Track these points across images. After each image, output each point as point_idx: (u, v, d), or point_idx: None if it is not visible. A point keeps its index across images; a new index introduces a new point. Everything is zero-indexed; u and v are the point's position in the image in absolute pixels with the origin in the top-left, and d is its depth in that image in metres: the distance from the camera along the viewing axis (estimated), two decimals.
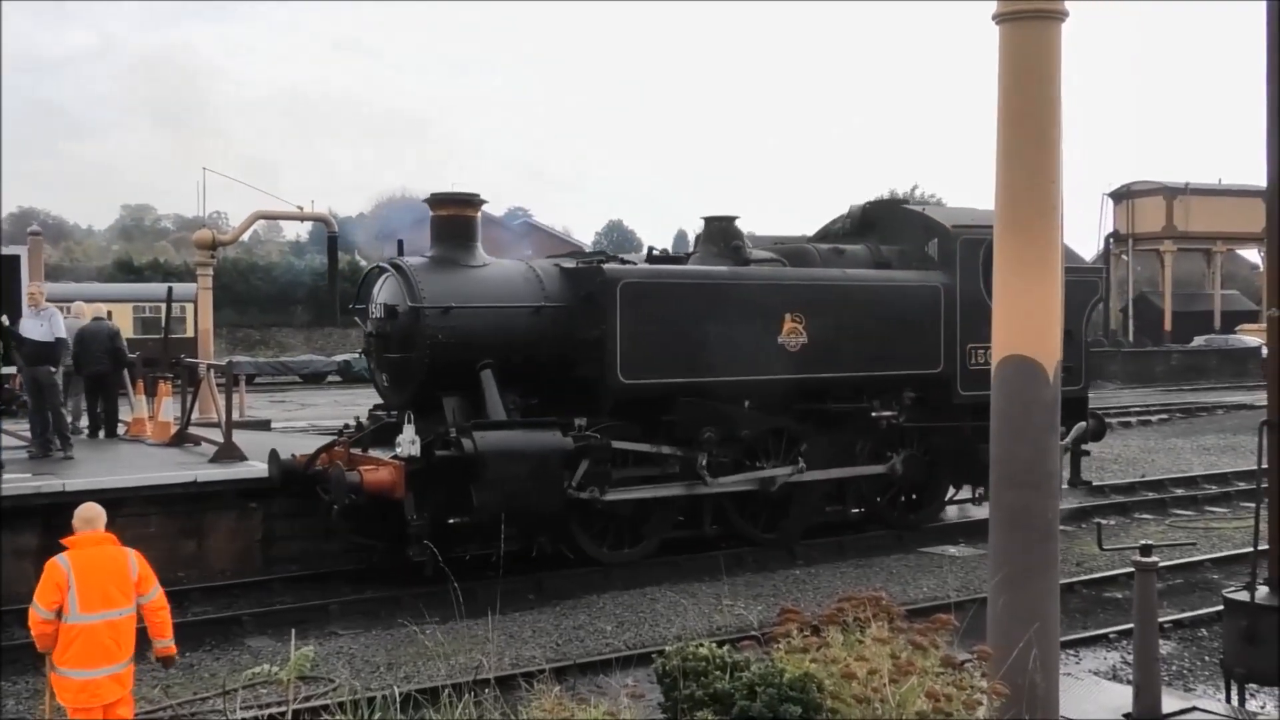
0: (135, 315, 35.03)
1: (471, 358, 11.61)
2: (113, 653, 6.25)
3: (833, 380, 13.43)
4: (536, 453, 11.20)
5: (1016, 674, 5.76)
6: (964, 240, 14.02)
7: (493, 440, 11.03)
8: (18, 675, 9.20)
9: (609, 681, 8.46)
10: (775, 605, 10.61)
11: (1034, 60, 6.13)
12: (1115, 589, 12.11)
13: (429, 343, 11.66)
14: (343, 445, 12.24)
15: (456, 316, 11.72)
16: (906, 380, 13.91)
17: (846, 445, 13.83)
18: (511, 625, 10.42)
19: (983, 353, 13.78)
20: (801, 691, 5.07)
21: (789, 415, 13.39)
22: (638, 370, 12.10)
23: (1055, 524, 6.40)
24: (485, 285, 12.15)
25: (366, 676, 9.01)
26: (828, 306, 13.19)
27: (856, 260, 14.15)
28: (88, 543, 6.40)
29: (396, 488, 11.02)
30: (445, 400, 11.63)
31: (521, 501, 11.09)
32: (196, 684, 9.06)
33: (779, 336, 12.86)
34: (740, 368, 12.64)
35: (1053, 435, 6.42)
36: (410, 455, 11.05)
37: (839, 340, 13.22)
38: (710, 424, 12.55)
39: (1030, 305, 6.20)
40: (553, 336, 12.16)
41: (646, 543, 12.73)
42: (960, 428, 14.09)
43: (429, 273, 11.97)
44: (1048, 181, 6.13)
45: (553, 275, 12.56)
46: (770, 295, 12.97)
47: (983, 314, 13.62)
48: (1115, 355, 44.69)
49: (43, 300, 14.64)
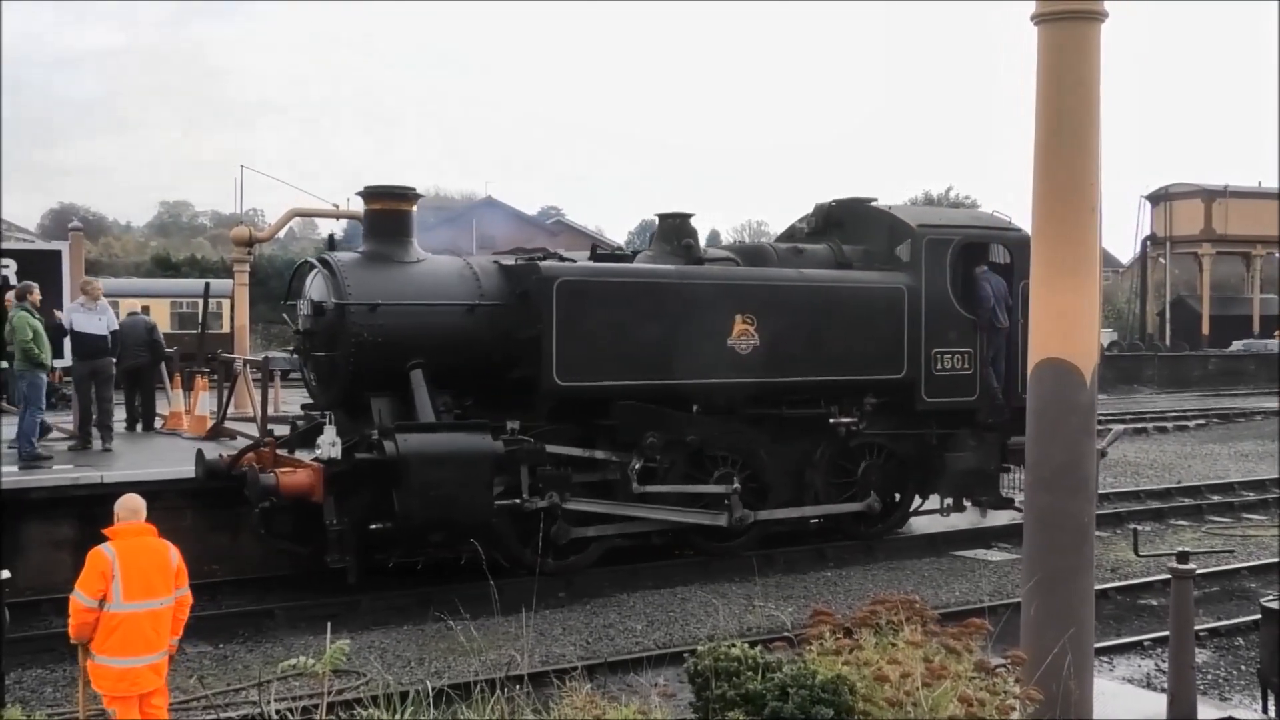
0: (172, 311, 35.36)
1: (400, 357, 11.16)
2: (152, 642, 6.33)
3: (787, 385, 12.80)
4: (463, 457, 10.71)
5: (1050, 679, 5.73)
6: (930, 240, 13.41)
7: (415, 443, 10.57)
8: (55, 664, 9.31)
9: (639, 680, 8.47)
10: (806, 606, 10.60)
11: (1073, 62, 6.08)
12: (1150, 596, 12.00)
13: (354, 341, 11.18)
14: (270, 446, 11.71)
15: (384, 314, 11.22)
16: (867, 386, 13.23)
17: (804, 453, 13.24)
18: (541, 623, 10.44)
19: (949, 358, 13.44)
20: (834, 694, 5.06)
21: (740, 421, 12.78)
22: (575, 372, 11.58)
23: (1090, 528, 6.36)
24: (417, 282, 11.64)
25: (398, 671, 9.08)
26: (782, 308, 12.59)
27: (816, 260, 13.51)
28: (131, 533, 6.50)
29: (315, 491, 10.61)
30: (374, 401, 11.22)
31: (447, 508, 10.61)
32: (229, 675, 9.15)
33: (728, 339, 12.22)
34: (686, 371, 12.08)
35: (1088, 439, 6.37)
36: (330, 457, 10.65)
37: (794, 343, 12.61)
38: (652, 429, 12.03)
39: (1068, 309, 6.14)
40: (488, 336, 11.62)
41: (592, 549, 12.15)
42: (925, 436, 13.73)
43: (358, 269, 11.49)
44: (1087, 184, 6.07)
45: (490, 273, 12.02)
46: (719, 296, 12.33)
47: (949, 318, 13.51)
48: (1152, 359, 44.31)
49: (100, 294, 14.88)
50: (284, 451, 11.67)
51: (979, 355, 13.65)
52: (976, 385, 13.67)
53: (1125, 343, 49.54)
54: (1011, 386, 13.77)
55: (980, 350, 13.66)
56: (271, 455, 11.47)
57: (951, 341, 13.49)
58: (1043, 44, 6.13)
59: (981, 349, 13.66)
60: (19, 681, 8.86)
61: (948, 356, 13.45)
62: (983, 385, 13.71)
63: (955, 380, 13.52)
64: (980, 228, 14.39)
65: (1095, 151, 6.10)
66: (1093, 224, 6.15)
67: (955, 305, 13.55)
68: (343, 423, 11.25)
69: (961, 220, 14.56)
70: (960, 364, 13.54)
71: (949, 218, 14.28)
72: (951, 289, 13.53)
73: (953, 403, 13.62)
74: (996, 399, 13.81)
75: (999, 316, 13.67)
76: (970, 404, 13.73)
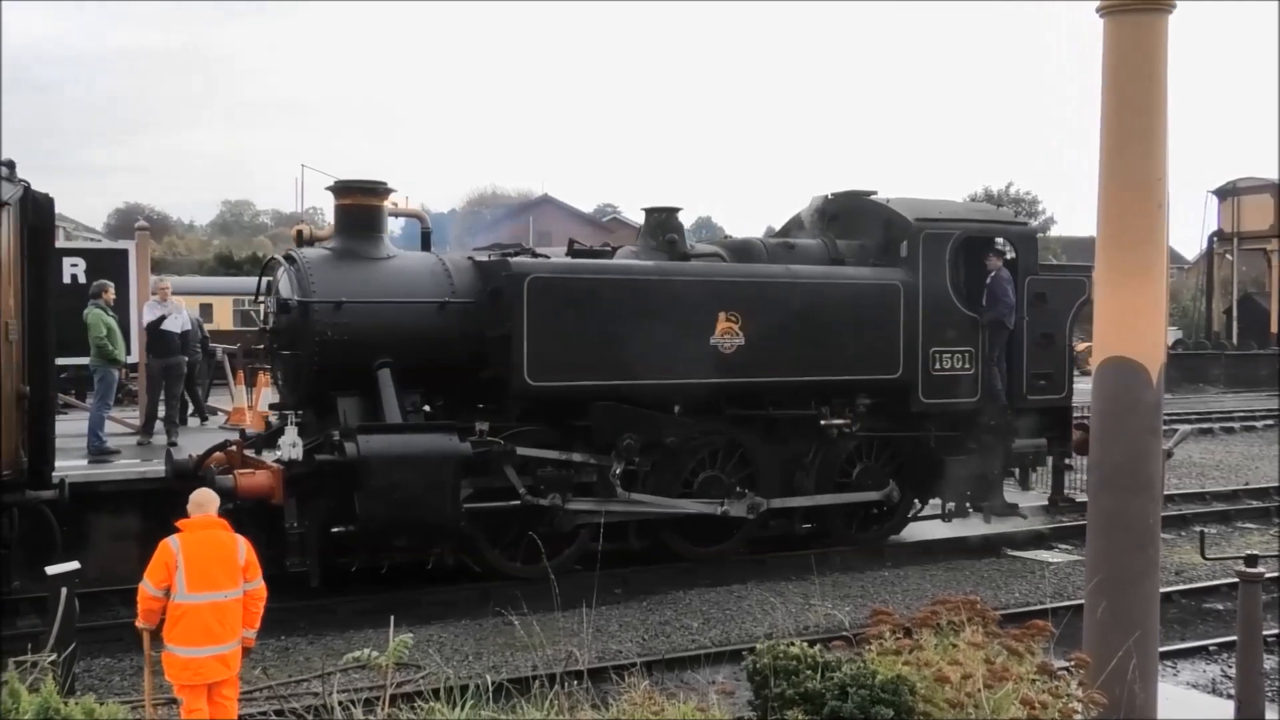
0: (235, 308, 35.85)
1: (366, 356, 10.88)
2: (217, 634, 6.44)
3: (773, 385, 12.31)
4: (427, 458, 10.39)
5: (1114, 683, 5.66)
6: (928, 235, 12.85)
7: (378, 445, 10.27)
8: (122, 653, 9.50)
9: (696, 677, 8.48)
10: (864, 606, 10.56)
11: (1140, 54, 6.01)
12: (1216, 600, 11.80)
13: (317, 340, 10.89)
14: (237, 446, 11.39)
15: (349, 312, 10.90)
16: (860, 386, 12.71)
17: (795, 456, 12.75)
18: (598, 619, 10.44)
19: (948, 357, 12.89)
20: (894, 694, 5.04)
21: (724, 422, 12.33)
22: (546, 372, 11.19)
23: (1156, 530, 6.28)
24: (386, 279, 11.34)
25: (456, 665, 9.16)
26: (767, 305, 12.10)
27: (807, 256, 12.95)
28: (198, 526, 6.63)
29: (274, 493, 10.30)
30: (340, 401, 10.94)
31: (410, 511, 10.30)
32: (291, 667, 9.29)
33: (711, 337, 11.78)
34: (665, 371, 11.63)
35: (1154, 439, 6.29)
36: (291, 459, 10.39)
37: (780, 342, 12.11)
38: (629, 430, 11.58)
39: (1133, 306, 6.07)
40: (460, 334, 11.28)
41: (566, 555, 11.68)
42: (922, 438, 13.18)
43: (324, 265, 11.20)
44: (1154, 179, 5.99)
45: (463, 269, 11.65)
46: (701, 293, 11.88)
47: (948, 315, 12.96)
48: (1218, 358, 43.48)
49: (170, 294, 15.20)
50: (251, 452, 11.36)
51: (981, 355, 13.09)
52: (978, 386, 13.11)
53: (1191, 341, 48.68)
54: (1016, 387, 13.36)
55: (982, 350, 13.10)
56: (239, 455, 11.20)
57: (951, 340, 12.93)
58: (1109, 36, 6.05)
59: (984, 348, 13.10)
60: (88, 670, 9.05)
61: (947, 356, 12.90)
62: (985, 386, 13.14)
63: (955, 381, 12.98)
64: (982, 221, 13.78)
65: (1163, 146, 6.02)
66: (1160, 220, 6.07)
67: (955, 302, 13.00)
68: (311, 423, 11.16)
69: (962, 214, 13.88)
70: (960, 364, 12.99)
71: (949, 211, 13.52)
72: (951, 285, 12.98)
73: (952, 404, 13.07)
74: (1000, 400, 13.28)
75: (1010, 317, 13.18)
76: (971, 405, 13.13)
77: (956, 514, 13.92)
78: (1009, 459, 13.67)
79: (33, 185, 10.14)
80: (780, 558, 12.66)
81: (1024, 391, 13.46)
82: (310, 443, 10.59)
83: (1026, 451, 13.78)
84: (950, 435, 13.29)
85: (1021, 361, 13.40)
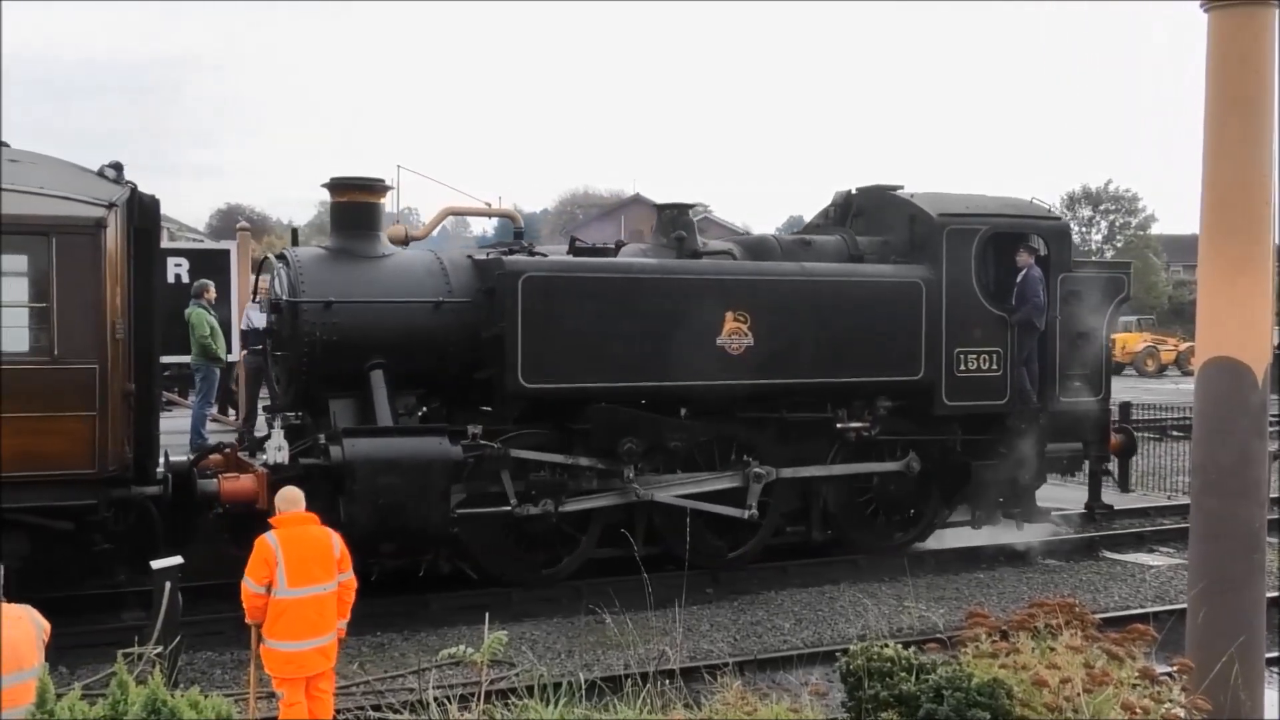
0: None
1: (358, 357, 10.63)
2: (318, 625, 6.61)
3: (784, 386, 11.80)
4: (414, 463, 10.08)
5: (1218, 690, 5.55)
6: (951, 230, 12.28)
7: (363, 448, 10.00)
8: (223, 647, 9.73)
9: (788, 678, 8.47)
10: (958, 608, 10.44)
11: (1245, 48, 5.87)
12: None
13: (307, 341, 10.64)
14: (232, 448, 11.13)
15: (339, 312, 10.64)
16: (879, 388, 12.18)
17: (809, 460, 12.24)
18: (689, 618, 10.48)
19: (974, 358, 12.31)
20: (990, 697, 4.99)
21: (734, 425, 11.85)
22: (541, 373, 10.81)
23: (1262, 534, 6.13)
24: (380, 279, 11.05)
25: (548, 662, 9.24)
26: (779, 304, 11.61)
27: (825, 253, 12.44)
28: (293, 522, 6.81)
29: (259, 497, 9.97)
30: (332, 403, 10.73)
31: (396, 516, 10.00)
32: (386, 663, 9.45)
33: (718, 338, 11.29)
34: (666, 372, 11.20)
35: (1260, 441, 6.13)
36: (276, 463, 10.12)
37: (793, 342, 11.61)
38: (629, 434, 11.17)
39: (1239, 306, 5.93)
40: (456, 335, 10.99)
41: (567, 562, 11.42)
42: (948, 442, 12.65)
43: (316, 265, 10.96)
44: (1260, 177, 5.86)
45: (461, 268, 11.32)
46: (706, 291, 11.40)
47: (974, 314, 12.36)
48: None
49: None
50: (246, 455, 11.11)
51: (1010, 355, 12.49)
52: (1007, 388, 12.50)
53: None
54: (1049, 389, 12.80)
55: (1012, 350, 12.49)
56: (234, 458, 10.92)
57: (977, 340, 12.35)
58: (1214, 31, 5.93)
59: (1013, 349, 12.50)
60: (190, 663, 9.28)
61: (973, 356, 12.32)
62: (1014, 388, 12.54)
63: (982, 382, 12.40)
64: (1011, 216, 12.99)
65: (1270, 143, 5.87)
66: (1267, 218, 5.93)
67: (982, 300, 12.42)
68: (307, 425, 11.09)
69: (991, 208, 13.08)
70: (987, 364, 12.40)
71: (976, 205, 12.88)
72: (978, 283, 12.41)
73: (978, 406, 12.54)
74: (1031, 403, 12.69)
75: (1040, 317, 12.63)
76: (999, 408, 12.56)
77: (986, 520, 13.19)
78: (1042, 464, 12.98)
79: (139, 186, 10.41)
80: (874, 559, 12.53)
81: (1056, 393, 12.89)
82: (298, 446, 10.42)
83: (1061, 456, 13.27)
84: (978, 439, 12.76)
85: (1054, 362, 12.84)
